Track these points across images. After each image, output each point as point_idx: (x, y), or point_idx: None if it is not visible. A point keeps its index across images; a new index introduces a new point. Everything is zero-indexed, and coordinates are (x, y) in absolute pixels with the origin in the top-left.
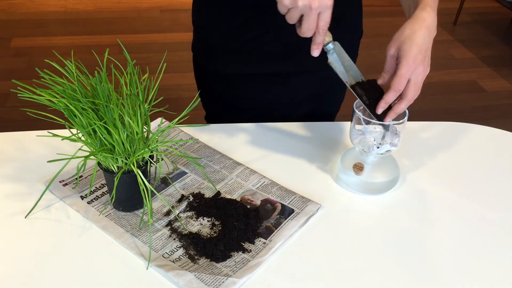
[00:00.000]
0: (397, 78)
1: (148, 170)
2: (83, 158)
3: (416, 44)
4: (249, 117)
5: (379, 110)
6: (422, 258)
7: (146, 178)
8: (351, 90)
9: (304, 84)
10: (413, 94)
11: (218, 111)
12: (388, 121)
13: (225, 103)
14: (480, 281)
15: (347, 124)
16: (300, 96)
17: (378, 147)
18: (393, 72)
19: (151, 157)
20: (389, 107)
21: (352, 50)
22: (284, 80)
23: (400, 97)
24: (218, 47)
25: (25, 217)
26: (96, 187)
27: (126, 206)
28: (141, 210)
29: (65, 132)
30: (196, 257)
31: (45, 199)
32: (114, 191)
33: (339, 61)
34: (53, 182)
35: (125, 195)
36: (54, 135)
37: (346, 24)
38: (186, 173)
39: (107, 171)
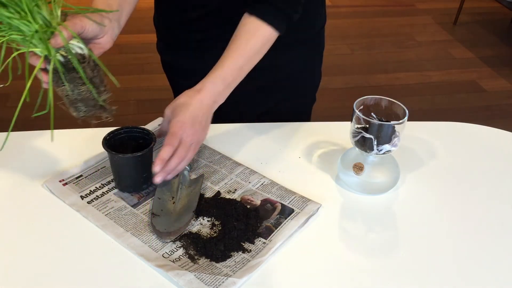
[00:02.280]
0: (168, 135)
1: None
2: None
3: (188, 110)
4: (224, 111)
5: (157, 168)
6: (422, 258)
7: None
8: None
9: (262, 75)
10: (182, 152)
11: None
12: (158, 180)
13: None
14: (480, 281)
15: (347, 124)
16: (262, 87)
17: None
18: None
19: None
20: None
21: (318, 38)
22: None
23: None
24: (177, 44)
25: (25, 217)
26: (96, 187)
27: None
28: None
29: (66, 133)
30: (196, 257)
31: (45, 199)
32: None
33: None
34: (53, 182)
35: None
36: None
37: (305, 14)
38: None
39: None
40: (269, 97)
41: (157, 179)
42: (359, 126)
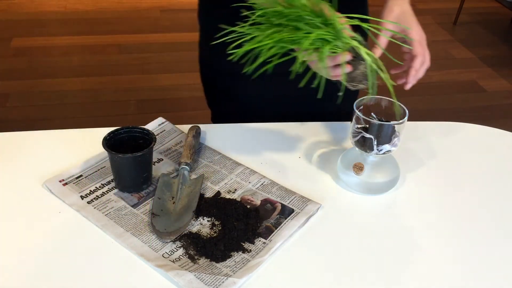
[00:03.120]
0: (417, 44)
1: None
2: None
3: (413, 15)
4: (257, 115)
5: (412, 79)
6: (422, 258)
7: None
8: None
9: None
10: (428, 57)
11: (226, 109)
12: (408, 87)
13: (233, 100)
14: (480, 281)
15: (347, 124)
16: (306, 93)
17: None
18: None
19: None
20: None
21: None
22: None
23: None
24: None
25: (25, 217)
26: (96, 187)
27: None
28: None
29: (66, 133)
30: (196, 257)
31: (45, 199)
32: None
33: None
34: (53, 182)
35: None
36: None
37: None
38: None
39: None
40: (317, 101)
41: (408, 86)
42: (359, 126)
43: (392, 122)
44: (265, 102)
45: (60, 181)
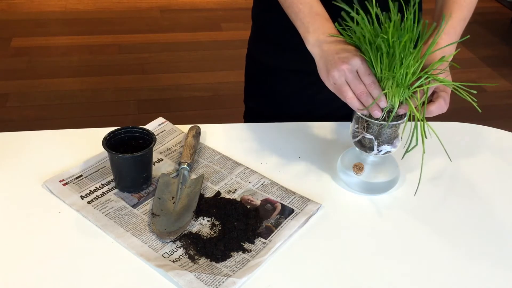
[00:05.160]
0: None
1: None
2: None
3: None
4: (289, 115)
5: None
6: (422, 258)
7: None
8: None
9: None
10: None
11: (260, 106)
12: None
13: (269, 96)
14: (480, 281)
15: (347, 124)
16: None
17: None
18: None
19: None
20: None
21: None
22: None
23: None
24: (277, 45)
25: (25, 217)
26: (96, 187)
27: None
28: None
29: (66, 133)
30: (196, 257)
31: (45, 199)
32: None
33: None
34: (53, 182)
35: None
36: None
37: None
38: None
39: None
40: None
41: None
42: (359, 126)
43: (392, 123)
44: (299, 101)
45: (60, 181)
